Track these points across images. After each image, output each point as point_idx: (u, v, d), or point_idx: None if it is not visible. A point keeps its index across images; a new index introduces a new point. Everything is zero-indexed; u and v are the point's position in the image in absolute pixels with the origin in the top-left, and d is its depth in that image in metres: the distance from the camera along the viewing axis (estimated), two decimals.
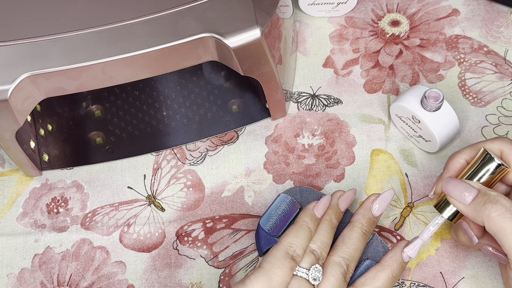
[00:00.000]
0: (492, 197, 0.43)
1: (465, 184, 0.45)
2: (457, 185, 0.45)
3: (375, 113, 0.58)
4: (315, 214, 0.49)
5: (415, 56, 0.60)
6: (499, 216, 0.42)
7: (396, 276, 0.47)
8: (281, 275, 0.45)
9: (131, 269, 0.54)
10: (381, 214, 0.50)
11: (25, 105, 0.47)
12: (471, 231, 0.47)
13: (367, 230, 0.49)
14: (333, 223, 0.49)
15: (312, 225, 0.48)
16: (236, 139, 0.59)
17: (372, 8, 0.63)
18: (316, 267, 0.46)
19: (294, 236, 0.47)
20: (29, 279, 0.54)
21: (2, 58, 0.46)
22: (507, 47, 0.60)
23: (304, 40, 0.63)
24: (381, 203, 0.50)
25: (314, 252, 0.47)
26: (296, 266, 0.46)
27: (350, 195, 0.51)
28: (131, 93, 0.61)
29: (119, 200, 0.57)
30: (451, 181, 0.45)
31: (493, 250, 0.47)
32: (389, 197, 0.50)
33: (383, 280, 0.47)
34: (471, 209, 0.44)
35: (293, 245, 0.46)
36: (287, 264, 0.45)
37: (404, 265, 0.48)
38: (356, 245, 0.48)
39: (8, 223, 0.56)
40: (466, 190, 0.44)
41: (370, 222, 0.49)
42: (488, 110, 0.57)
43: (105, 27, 0.46)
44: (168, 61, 0.47)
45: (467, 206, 0.44)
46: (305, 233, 0.47)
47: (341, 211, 0.50)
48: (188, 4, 0.47)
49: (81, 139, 0.60)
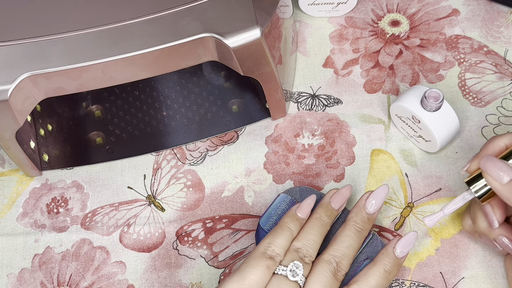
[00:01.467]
0: None
1: (504, 164, 0.45)
2: (496, 163, 0.45)
3: (375, 113, 0.58)
4: (297, 214, 0.49)
5: (415, 56, 0.61)
6: None
7: (390, 272, 0.47)
8: (255, 274, 0.45)
9: (131, 269, 0.54)
10: (377, 211, 0.50)
11: (25, 105, 0.47)
12: (493, 215, 0.47)
13: (361, 227, 0.49)
14: (323, 221, 0.49)
15: (293, 225, 0.48)
16: (236, 139, 0.59)
17: (372, 8, 0.63)
18: (294, 263, 0.46)
19: (272, 236, 0.47)
20: (29, 279, 0.54)
21: (2, 58, 0.46)
22: (507, 47, 0.60)
23: (304, 40, 0.63)
24: (375, 199, 0.50)
25: (298, 250, 0.47)
26: (276, 264, 0.46)
27: (344, 192, 0.51)
28: (131, 93, 0.61)
29: (119, 200, 0.57)
30: (491, 158, 0.45)
31: (508, 242, 0.47)
32: (382, 193, 0.50)
33: (374, 275, 0.46)
34: (507, 189, 0.44)
35: (271, 245, 0.46)
36: (262, 263, 0.45)
37: (398, 260, 0.48)
38: (348, 242, 0.48)
39: (8, 223, 0.56)
40: (504, 169, 0.44)
41: (364, 219, 0.49)
42: (488, 110, 0.57)
43: (105, 27, 0.46)
44: (168, 61, 0.47)
45: (503, 185, 0.44)
46: (284, 233, 0.47)
47: (334, 209, 0.50)
48: (188, 4, 0.47)
49: (81, 139, 0.60)
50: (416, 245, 0.52)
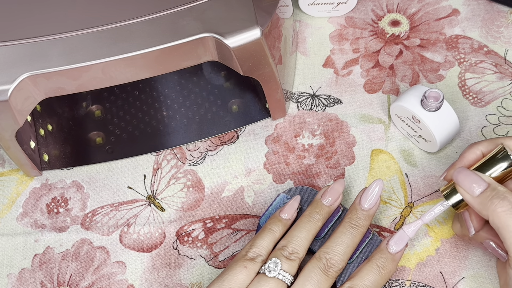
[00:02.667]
0: (501, 192, 0.43)
1: (476, 176, 0.45)
2: (468, 175, 0.45)
3: (375, 113, 0.58)
4: (280, 216, 0.49)
5: (415, 56, 0.61)
6: (504, 212, 0.42)
7: (383, 267, 0.47)
8: (233, 275, 0.45)
9: (131, 269, 0.54)
10: (373, 206, 0.49)
11: (25, 105, 0.47)
12: (470, 222, 0.47)
13: (356, 224, 0.48)
14: (312, 217, 0.49)
15: (275, 226, 0.49)
16: (236, 139, 0.59)
17: (372, 8, 0.63)
18: (273, 260, 0.46)
19: (253, 239, 0.48)
20: (29, 279, 0.54)
21: (2, 58, 0.46)
22: (507, 47, 0.60)
23: (304, 40, 0.63)
24: (369, 195, 0.49)
25: (283, 248, 0.47)
26: (256, 264, 0.46)
27: (336, 186, 0.50)
28: (131, 93, 0.61)
29: (119, 200, 0.57)
30: (462, 171, 0.46)
31: (495, 245, 0.47)
32: (376, 187, 0.49)
33: (367, 271, 0.46)
34: (478, 201, 0.44)
35: (252, 247, 0.47)
36: (240, 264, 0.46)
37: (392, 256, 0.47)
38: (340, 239, 0.47)
39: (8, 223, 0.56)
40: (476, 182, 0.44)
41: (359, 215, 0.49)
42: (488, 110, 0.57)
43: (105, 27, 0.46)
44: (168, 61, 0.47)
45: (475, 198, 0.44)
46: (265, 234, 0.48)
47: (325, 204, 0.50)
48: (188, 4, 0.47)
49: (81, 139, 0.60)
50: (416, 245, 0.52)
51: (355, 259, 0.49)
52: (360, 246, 0.49)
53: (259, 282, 0.45)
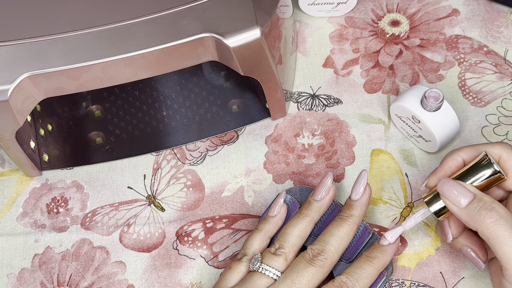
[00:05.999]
0: (488, 203, 0.43)
1: (461, 188, 0.44)
2: (453, 187, 0.45)
3: (375, 113, 0.58)
4: (268, 214, 0.51)
5: (415, 56, 0.61)
6: (493, 223, 0.42)
7: (375, 257, 0.47)
8: (224, 276, 0.48)
9: (131, 269, 0.54)
10: (361, 195, 0.49)
11: (25, 105, 0.47)
12: (448, 228, 0.47)
13: (346, 215, 0.49)
14: (302, 213, 0.49)
15: (262, 224, 0.50)
16: (236, 139, 0.59)
17: (372, 8, 0.63)
18: (255, 256, 0.48)
19: (245, 243, 0.50)
20: (29, 279, 0.54)
21: (2, 58, 0.46)
22: (507, 47, 0.60)
23: (304, 40, 0.63)
24: (355, 186, 0.49)
25: (272, 245, 0.49)
26: (243, 264, 0.48)
27: (323, 180, 0.50)
28: (131, 93, 0.61)
29: (119, 200, 0.57)
30: (447, 181, 0.45)
31: (473, 253, 0.47)
32: (361, 179, 0.49)
33: (359, 264, 0.47)
34: (465, 213, 0.44)
35: (242, 249, 0.50)
36: (229, 265, 0.49)
37: (383, 247, 0.48)
38: (331, 231, 0.48)
39: (8, 223, 0.56)
40: (462, 193, 0.44)
41: (349, 207, 0.49)
42: (488, 110, 0.57)
43: (105, 27, 0.46)
44: (168, 61, 0.47)
45: (461, 209, 0.44)
46: (253, 235, 0.50)
47: (315, 199, 0.50)
48: (188, 4, 0.47)
49: (81, 139, 0.60)
50: (416, 245, 0.52)
51: (354, 258, 0.49)
52: (360, 245, 0.49)
53: (245, 278, 0.47)
